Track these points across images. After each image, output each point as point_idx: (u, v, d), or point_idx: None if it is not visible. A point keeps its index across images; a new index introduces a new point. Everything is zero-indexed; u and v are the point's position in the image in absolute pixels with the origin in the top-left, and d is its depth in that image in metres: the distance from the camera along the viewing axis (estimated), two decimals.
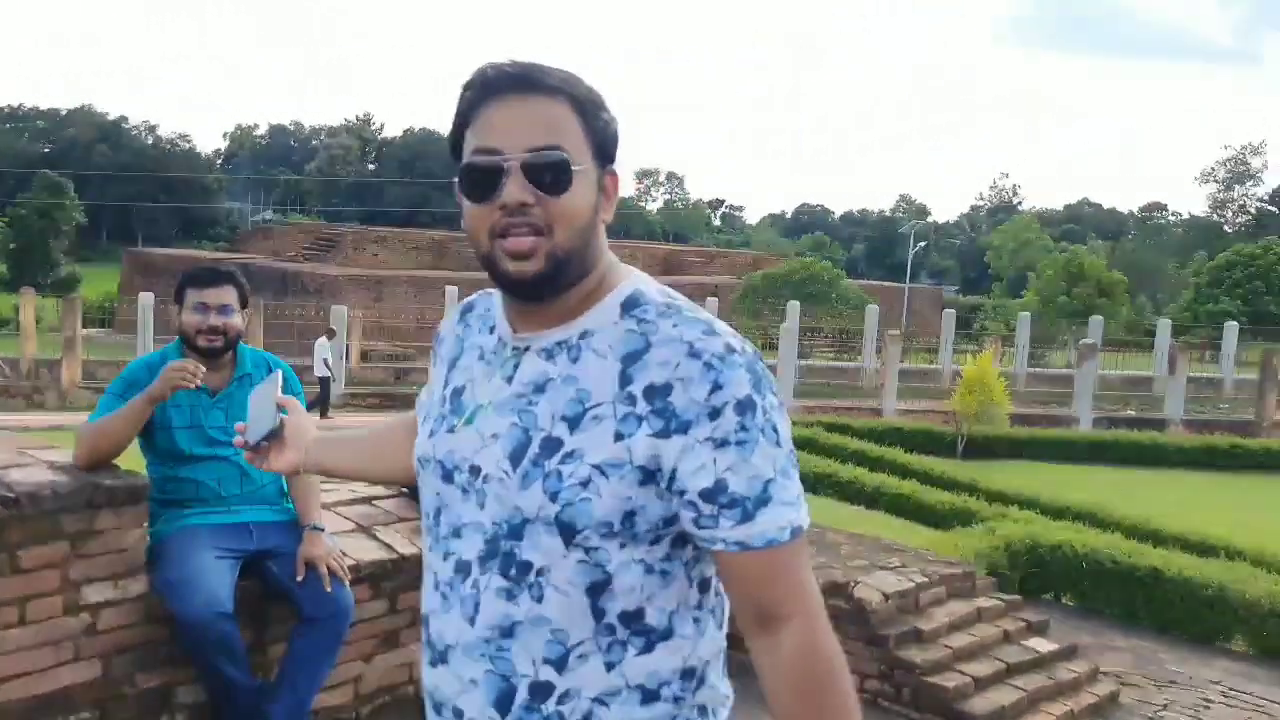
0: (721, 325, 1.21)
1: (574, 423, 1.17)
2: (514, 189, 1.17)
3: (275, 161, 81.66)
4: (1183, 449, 15.50)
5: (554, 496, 1.16)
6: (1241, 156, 64.94)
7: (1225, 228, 63.82)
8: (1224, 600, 6.53)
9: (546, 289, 1.21)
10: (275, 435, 1.60)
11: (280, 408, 1.60)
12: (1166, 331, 27.18)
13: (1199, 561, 7.27)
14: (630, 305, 1.22)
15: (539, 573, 1.19)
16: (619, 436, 1.15)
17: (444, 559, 1.27)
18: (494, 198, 1.18)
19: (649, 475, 1.16)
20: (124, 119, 77.42)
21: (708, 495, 1.15)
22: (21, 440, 3.09)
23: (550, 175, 1.17)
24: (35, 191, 46.07)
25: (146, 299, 23.21)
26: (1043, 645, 4.61)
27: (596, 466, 1.15)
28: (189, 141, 77.58)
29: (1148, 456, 15.08)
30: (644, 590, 1.20)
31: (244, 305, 3.07)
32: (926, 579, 4.54)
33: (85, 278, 43.03)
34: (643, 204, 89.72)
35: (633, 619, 1.20)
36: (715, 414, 1.14)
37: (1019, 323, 26.97)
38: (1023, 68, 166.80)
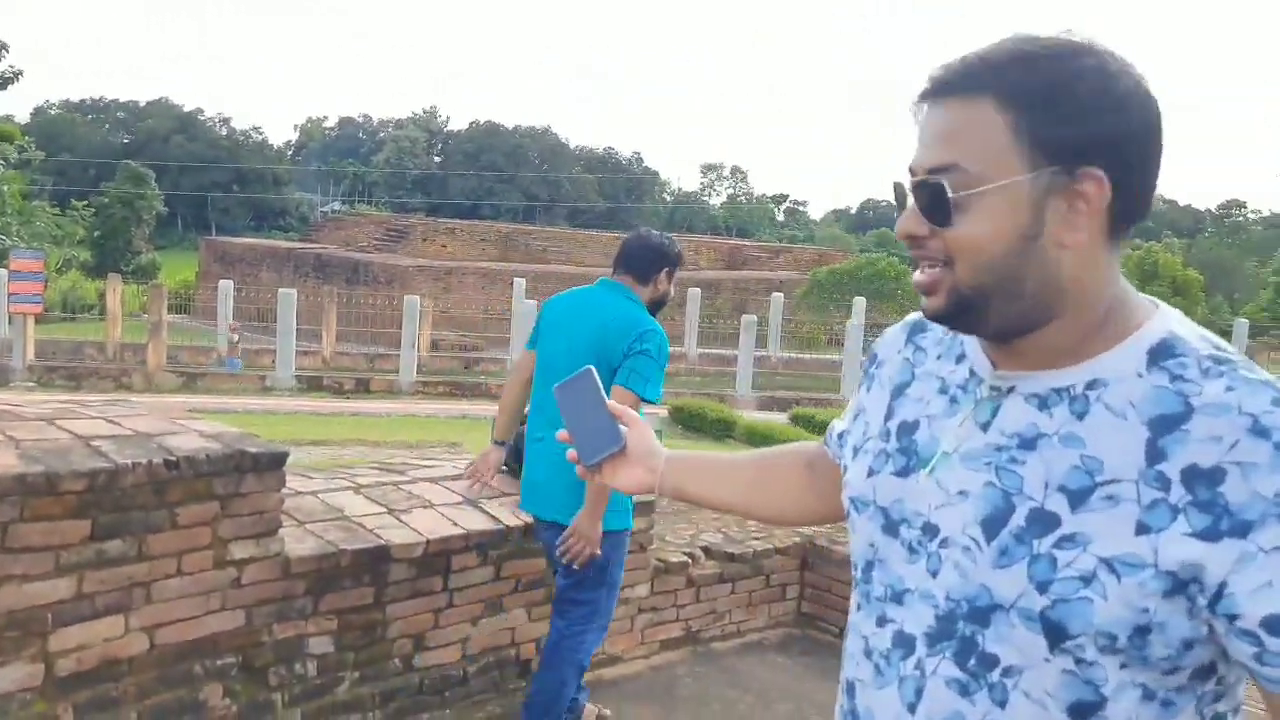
0: None
1: (1077, 498, 0.93)
2: (905, 219, 1.01)
3: (344, 153, 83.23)
4: None
5: (1043, 587, 0.93)
6: None
7: None
8: None
9: (963, 328, 1.04)
10: (617, 453, 1.33)
11: (614, 417, 1.34)
12: (1244, 331, 26.54)
13: None
14: (1162, 354, 0.95)
15: (1005, 672, 0.97)
16: (1143, 529, 0.90)
17: (879, 624, 1.07)
18: None
19: (1179, 586, 0.89)
20: (199, 111, 79.53)
21: (1273, 625, 0.87)
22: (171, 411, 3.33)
23: (930, 204, 0.97)
24: (119, 181, 47.64)
25: (226, 286, 23.98)
26: None
27: (1105, 561, 0.91)
28: (261, 133, 79.55)
29: None
30: None
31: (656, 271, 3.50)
32: None
33: (163, 265, 44.45)
34: (706, 198, 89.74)
35: None
36: None
37: None
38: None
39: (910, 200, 1.00)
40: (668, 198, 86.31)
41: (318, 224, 44.86)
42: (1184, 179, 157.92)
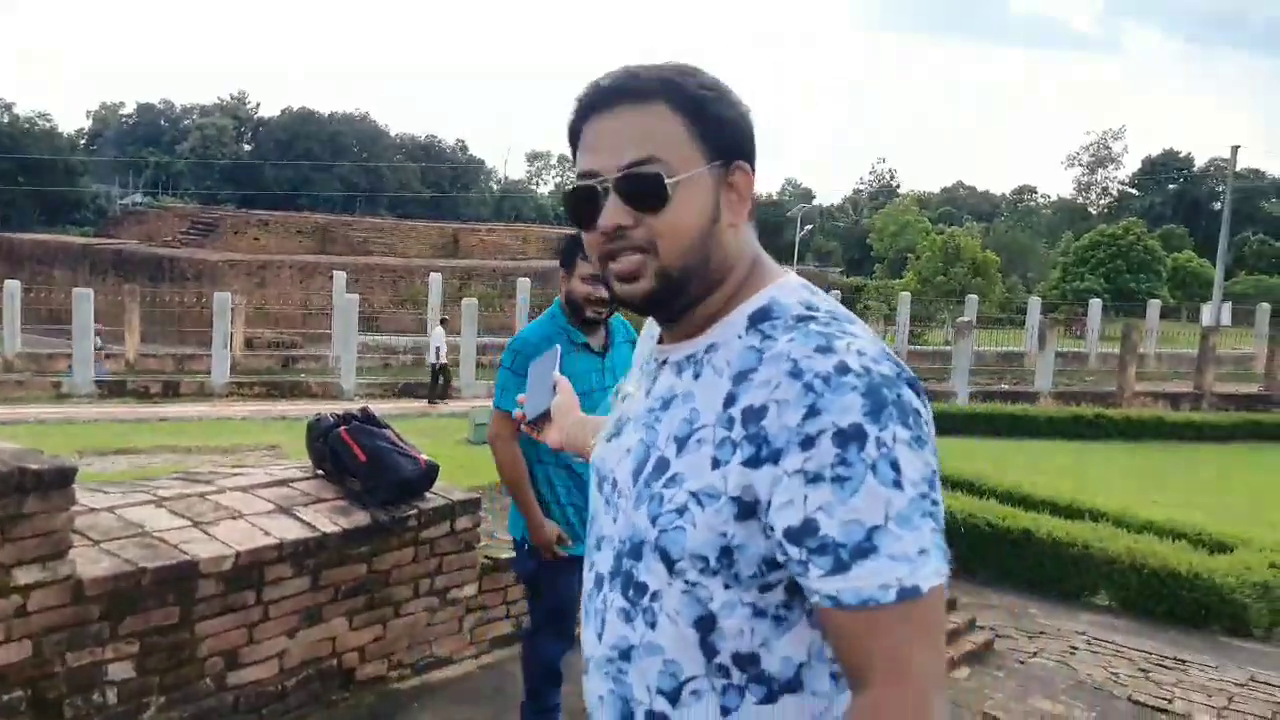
0: (855, 342, 1.04)
1: (681, 444, 1.09)
2: (609, 212, 1.10)
3: (144, 142, 78.00)
4: (1052, 419, 16.42)
5: (654, 520, 1.09)
6: (1104, 141, 68.57)
7: (1089, 209, 67.28)
8: (1088, 558, 7.01)
9: (663, 308, 1.16)
10: (548, 413, 1.59)
11: (554, 384, 1.61)
12: (1037, 309, 28.63)
13: (1066, 523, 7.79)
14: (759, 317, 1.12)
15: (652, 597, 1.11)
16: (715, 463, 1.05)
17: (590, 570, 1.23)
18: (596, 223, 1.12)
19: (748, 509, 1.03)
20: None
21: (793, 535, 1.01)
22: None
23: (643, 192, 1.09)
24: None
25: (13, 287, 22.11)
26: None
27: (694, 494, 1.06)
28: (49, 120, 73.53)
29: (1020, 427, 15.94)
30: (755, 634, 1.08)
31: None
32: None
33: None
34: (534, 187, 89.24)
35: (747, 663, 1.08)
36: (808, 443, 0.99)
37: (900, 302, 27.99)
38: (895, 52, 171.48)
39: (609, 197, 1.10)
40: (495, 186, 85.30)
41: (117, 218, 42.05)
42: (981, 167, 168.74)
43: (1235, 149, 35.44)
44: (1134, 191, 70.16)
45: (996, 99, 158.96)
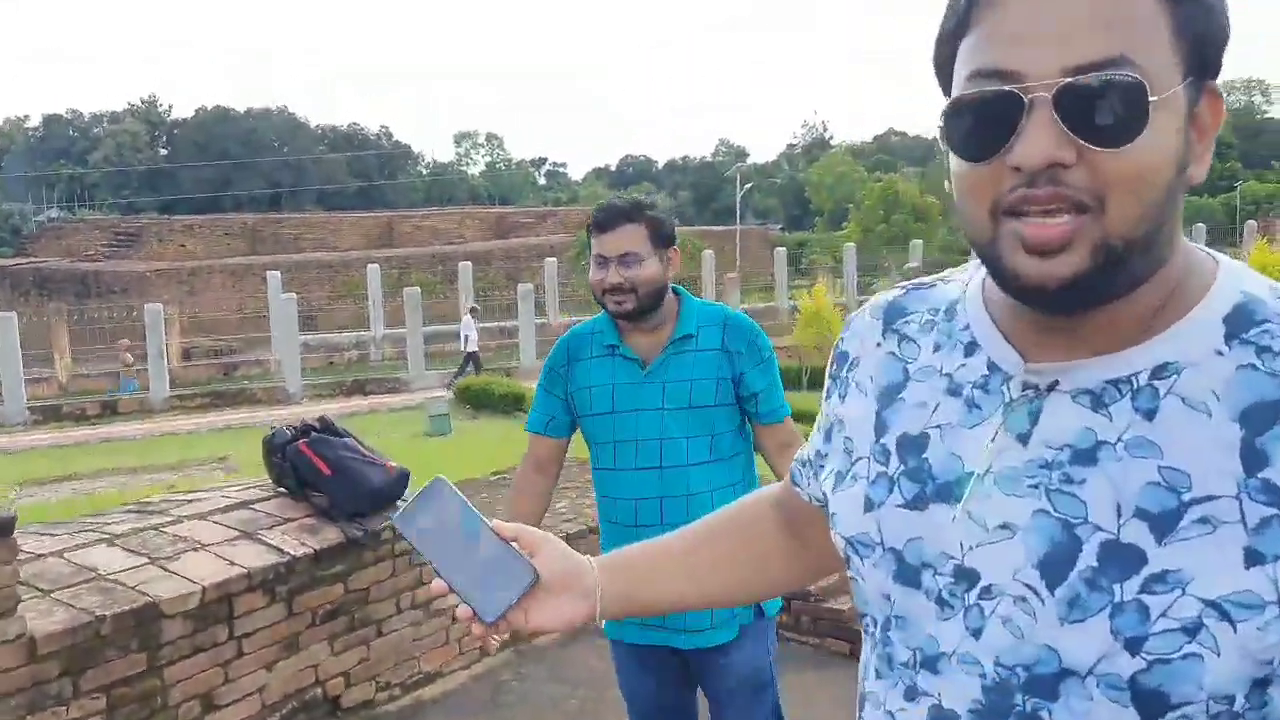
0: None
1: (1162, 524, 0.70)
2: (1040, 138, 0.69)
3: (54, 155, 75.33)
4: None
5: (1134, 645, 0.70)
6: None
7: None
8: None
9: (1089, 299, 0.73)
10: (529, 587, 0.93)
11: (502, 538, 0.94)
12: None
13: None
14: (1243, 322, 0.73)
15: None
16: (1254, 558, 0.68)
17: (908, 698, 0.83)
18: (1002, 153, 0.71)
19: None
20: None
21: None
22: None
23: (1112, 111, 0.68)
24: None
25: None
26: None
27: (1212, 604, 0.68)
28: None
29: None
30: None
31: (666, 244, 2.28)
32: None
33: None
34: (464, 168, 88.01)
35: None
36: None
37: (845, 254, 28.09)
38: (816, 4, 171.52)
39: (1036, 114, 0.69)
40: (423, 171, 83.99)
41: (33, 235, 40.53)
42: (914, 111, 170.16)
43: None
44: None
45: (921, 37, 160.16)
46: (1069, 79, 0.68)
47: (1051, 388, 0.77)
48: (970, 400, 0.81)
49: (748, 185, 51.72)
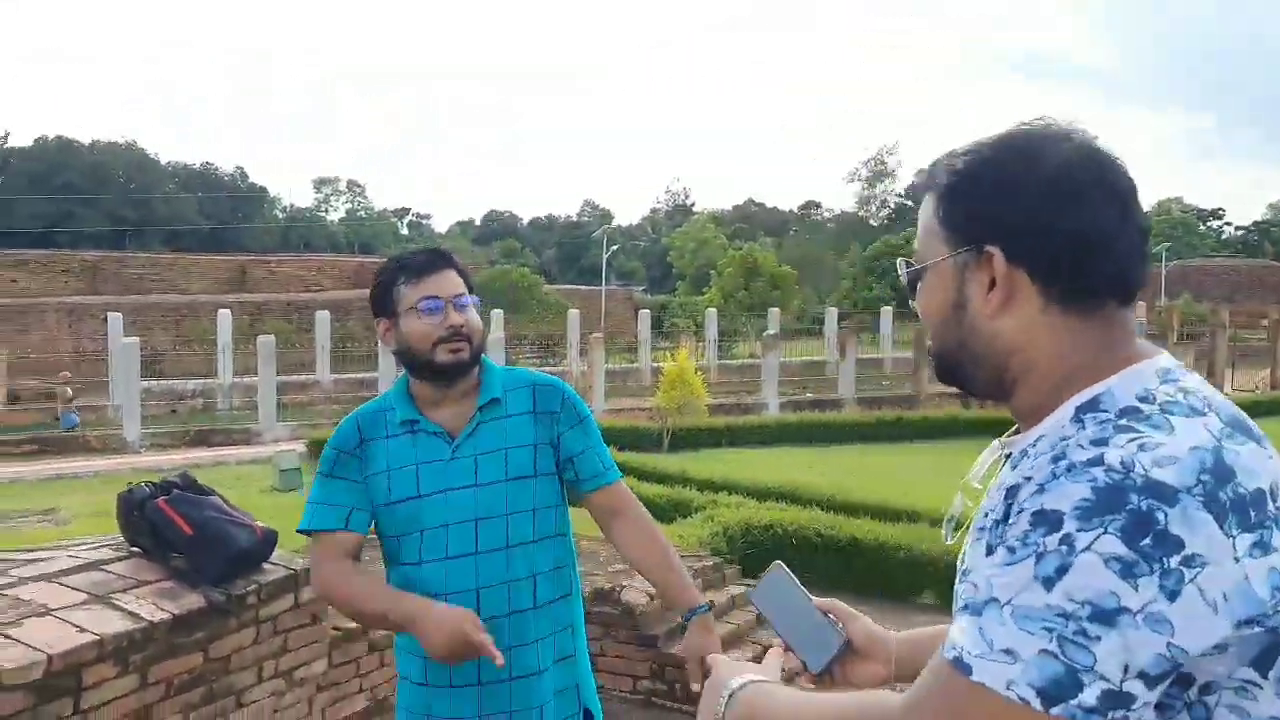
0: (1139, 447, 0.86)
1: (976, 536, 0.96)
2: None
3: None
4: (858, 424, 17.17)
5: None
6: (880, 157, 72.96)
7: (871, 221, 71.38)
8: (914, 560, 7.31)
9: (961, 388, 1.13)
10: (843, 650, 1.25)
11: (822, 613, 1.26)
12: (834, 319, 30.07)
13: (888, 526, 8.08)
14: (1086, 408, 0.95)
15: None
16: (989, 550, 0.91)
17: None
18: None
19: None
20: None
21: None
22: None
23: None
24: None
25: None
26: None
27: (976, 586, 0.93)
28: None
29: (830, 433, 16.55)
30: None
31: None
32: None
33: None
34: (323, 214, 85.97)
35: None
36: (1011, 514, 0.90)
37: (706, 319, 28.75)
38: (685, 70, 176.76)
39: None
40: (279, 215, 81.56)
41: None
42: (769, 185, 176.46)
43: None
44: (910, 203, 75.11)
45: (780, 118, 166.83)
46: None
47: (1008, 456, 1.06)
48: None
49: (613, 247, 52.41)
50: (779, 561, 1.31)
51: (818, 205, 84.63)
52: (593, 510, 2.16)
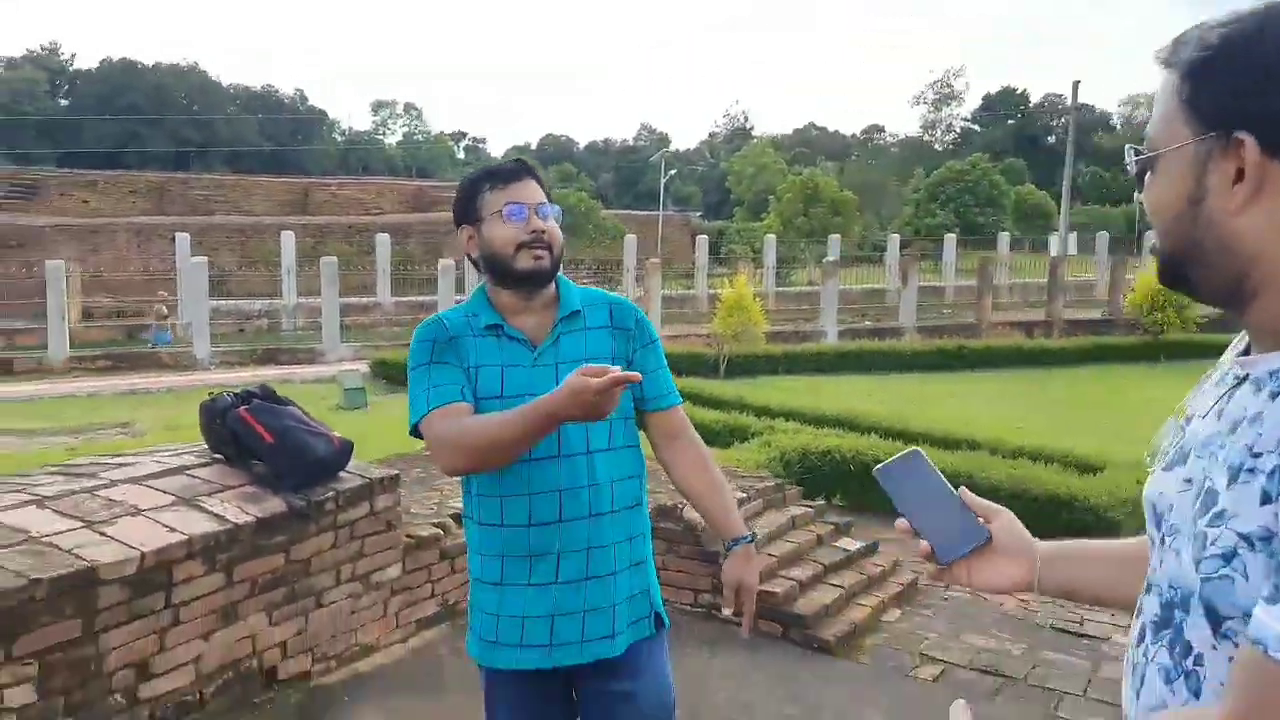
0: None
1: (1234, 474, 0.86)
2: None
3: None
4: (918, 353, 16.99)
5: (1197, 565, 0.89)
6: (946, 79, 70.87)
7: (935, 146, 69.64)
8: (972, 487, 7.25)
9: (1186, 290, 1.00)
10: (981, 545, 1.18)
11: (963, 504, 1.20)
12: (896, 246, 29.52)
13: (946, 454, 8.03)
14: None
15: (1197, 660, 0.92)
16: (1266, 498, 0.82)
17: (1136, 617, 1.03)
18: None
19: None
20: None
21: None
22: None
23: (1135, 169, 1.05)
24: None
25: None
26: (850, 544, 5.01)
27: (1244, 536, 0.84)
28: None
29: (889, 362, 16.42)
30: None
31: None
32: (744, 494, 4.81)
33: None
34: (380, 137, 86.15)
35: None
36: None
37: (765, 245, 28.38)
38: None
39: None
40: (338, 138, 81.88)
41: None
42: (830, 108, 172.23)
43: (1076, 84, 36.50)
44: (976, 128, 72.98)
45: (845, 37, 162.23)
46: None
47: (1244, 378, 0.95)
48: (1220, 385, 1.00)
49: (671, 172, 51.82)
50: (917, 448, 1.25)
51: (881, 129, 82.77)
52: (650, 431, 2.17)
